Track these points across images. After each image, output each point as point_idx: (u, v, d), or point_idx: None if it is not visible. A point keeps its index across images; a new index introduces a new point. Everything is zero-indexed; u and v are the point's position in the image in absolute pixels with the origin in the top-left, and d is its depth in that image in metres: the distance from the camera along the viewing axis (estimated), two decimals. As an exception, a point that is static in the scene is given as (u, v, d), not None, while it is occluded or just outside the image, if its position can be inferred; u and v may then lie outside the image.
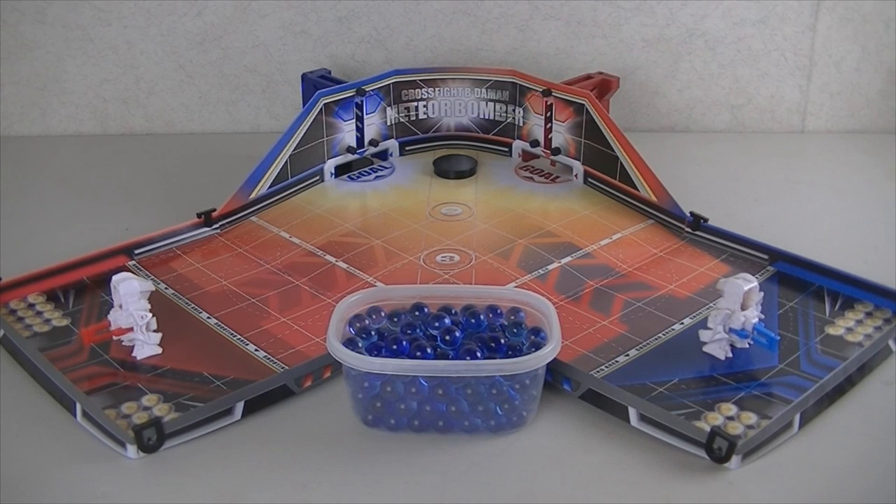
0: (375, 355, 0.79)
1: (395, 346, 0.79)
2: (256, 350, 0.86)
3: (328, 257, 1.00)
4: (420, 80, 1.21)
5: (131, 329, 0.84)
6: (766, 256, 0.98)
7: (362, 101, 1.16)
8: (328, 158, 1.15)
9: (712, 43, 1.30)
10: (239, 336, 0.87)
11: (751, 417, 0.76)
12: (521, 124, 1.20)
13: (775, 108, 1.33)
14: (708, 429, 0.74)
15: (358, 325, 0.82)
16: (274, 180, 1.09)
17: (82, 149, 1.30)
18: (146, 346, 0.84)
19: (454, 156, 1.20)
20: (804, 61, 1.31)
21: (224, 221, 1.05)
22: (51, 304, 0.92)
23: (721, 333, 0.84)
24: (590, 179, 1.14)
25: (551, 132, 1.16)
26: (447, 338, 0.80)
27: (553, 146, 1.16)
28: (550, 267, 0.98)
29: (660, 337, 0.87)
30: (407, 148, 1.22)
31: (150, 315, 0.84)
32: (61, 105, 1.32)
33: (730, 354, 0.84)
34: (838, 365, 0.82)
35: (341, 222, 1.07)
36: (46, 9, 1.27)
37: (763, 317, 0.85)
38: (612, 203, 1.10)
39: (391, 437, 0.77)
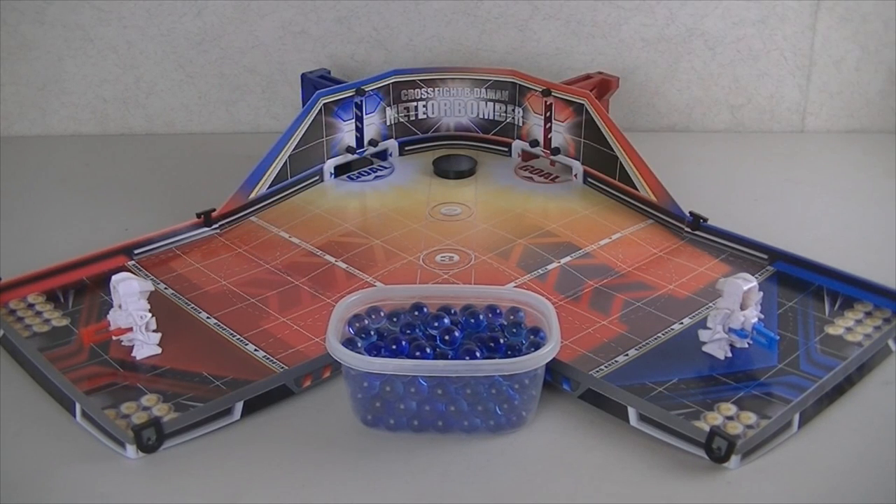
0: (375, 355, 0.79)
1: (394, 346, 0.79)
2: (256, 350, 0.86)
3: (328, 257, 1.00)
4: (420, 80, 1.21)
5: (131, 329, 0.84)
6: (765, 256, 0.98)
7: (362, 101, 1.16)
8: (328, 158, 1.15)
9: (712, 43, 1.30)
10: (239, 336, 0.87)
11: (750, 417, 0.76)
12: (521, 124, 1.20)
13: (775, 108, 1.33)
14: (707, 429, 0.74)
15: (357, 325, 0.82)
16: (273, 180, 1.09)
17: (82, 149, 1.29)
18: (146, 346, 0.84)
19: (454, 156, 1.20)
20: (804, 61, 1.31)
21: (224, 221, 1.05)
22: (51, 304, 0.92)
23: (720, 333, 0.84)
24: (589, 179, 1.13)
25: (551, 132, 1.16)
26: (447, 338, 0.80)
27: (553, 146, 1.16)
28: (550, 267, 0.98)
29: (659, 337, 0.87)
30: (406, 148, 1.22)
31: (150, 315, 0.84)
32: (61, 105, 1.32)
33: (729, 354, 0.84)
34: (838, 365, 0.82)
35: (341, 222, 1.07)
36: (46, 9, 1.27)
37: (762, 317, 0.85)
38: (611, 203, 1.10)
39: (390, 436, 0.77)
